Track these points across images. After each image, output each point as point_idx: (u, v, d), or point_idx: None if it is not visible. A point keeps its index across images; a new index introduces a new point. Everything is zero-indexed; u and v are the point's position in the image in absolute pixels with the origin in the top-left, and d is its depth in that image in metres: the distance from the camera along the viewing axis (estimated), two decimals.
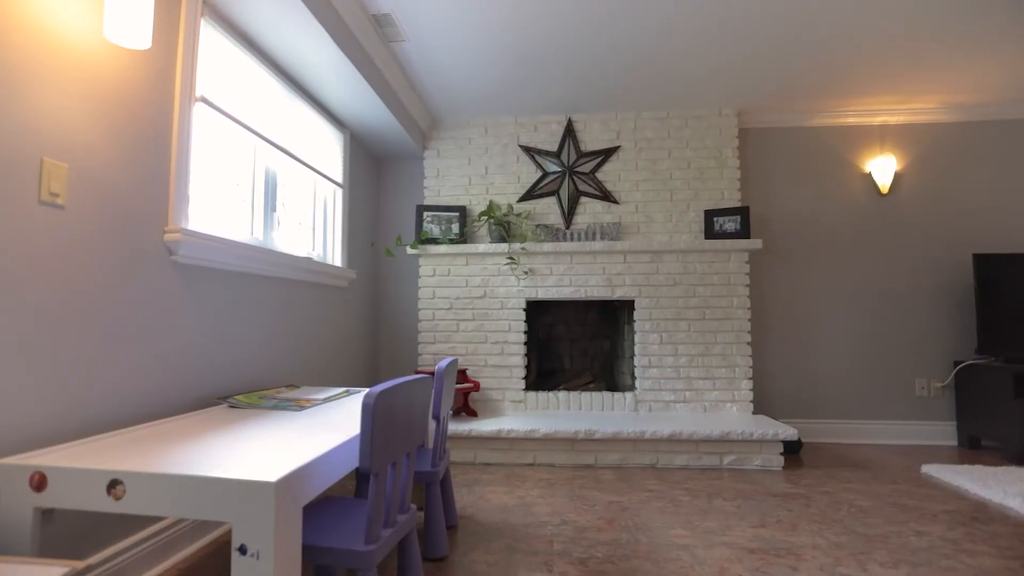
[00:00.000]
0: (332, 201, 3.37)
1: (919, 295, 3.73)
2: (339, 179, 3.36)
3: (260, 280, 2.43)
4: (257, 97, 2.47)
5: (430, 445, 2.12)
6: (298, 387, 2.46)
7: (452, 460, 3.15)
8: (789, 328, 3.79)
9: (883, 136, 3.84)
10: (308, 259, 2.84)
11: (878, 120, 3.82)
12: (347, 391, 2.35)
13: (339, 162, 3.37)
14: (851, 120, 3.83)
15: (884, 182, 3.77)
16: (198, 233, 1.93)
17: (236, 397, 2.05)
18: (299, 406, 1.95)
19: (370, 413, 1.18)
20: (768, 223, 3.85)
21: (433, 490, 1.90)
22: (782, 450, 3.01)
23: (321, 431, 1.53)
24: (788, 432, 2.96)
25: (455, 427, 3.11)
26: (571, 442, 3.09)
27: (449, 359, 2.01)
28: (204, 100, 2.06)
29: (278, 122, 2.65)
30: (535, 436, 3.06)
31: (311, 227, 3.20)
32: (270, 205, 2.65)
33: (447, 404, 2.00)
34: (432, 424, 2.02)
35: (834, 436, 3.69)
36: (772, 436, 2.97)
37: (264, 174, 2.61)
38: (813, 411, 3.74)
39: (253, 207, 2.56)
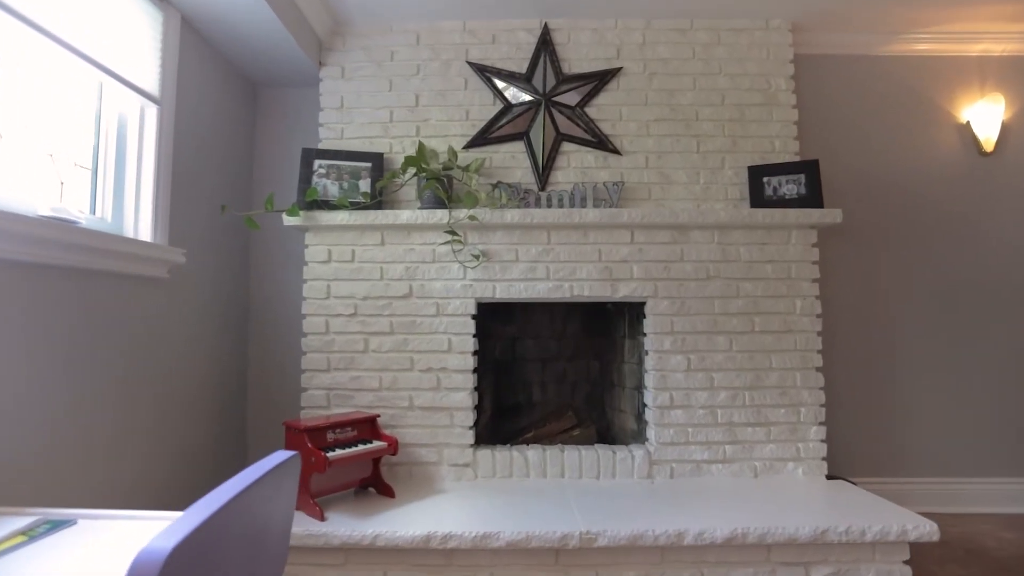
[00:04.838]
0: (137, 125, 1.91)
1: None
2: (151, 88, 1.91)
3: None
4: None
5: None
6: None
7: None
8: (859, 341, 2.61)
9: (984, 71, 2.72)
10: (62, 223, 1.42)
11: (977, 49, 2.69)
12: (40, 523, 0.95)
13: (153, 58, 1.92)
14: (941, 48, 2.69)
15: (988, 135, 2.65)
16: None
17: None
18: None
19: None
20: (827, 191, 2.65)
21: None
22: (908, 556, 1.79)
23: None
24: (923, 528, 1.74)
25: (348, 528, 1.72)
26: (555, 553, 1.77)
27: (255, 474, 0.65)
28: None
29: None
30: (492, 545, 1.72)
31: (91, 168, 1.75)
32: None
33: None
34: None
35: (924, 502, 2.53)
36: (897, 535, 1.74)
37: None
38: (895, 466, 2.57)
39: None
